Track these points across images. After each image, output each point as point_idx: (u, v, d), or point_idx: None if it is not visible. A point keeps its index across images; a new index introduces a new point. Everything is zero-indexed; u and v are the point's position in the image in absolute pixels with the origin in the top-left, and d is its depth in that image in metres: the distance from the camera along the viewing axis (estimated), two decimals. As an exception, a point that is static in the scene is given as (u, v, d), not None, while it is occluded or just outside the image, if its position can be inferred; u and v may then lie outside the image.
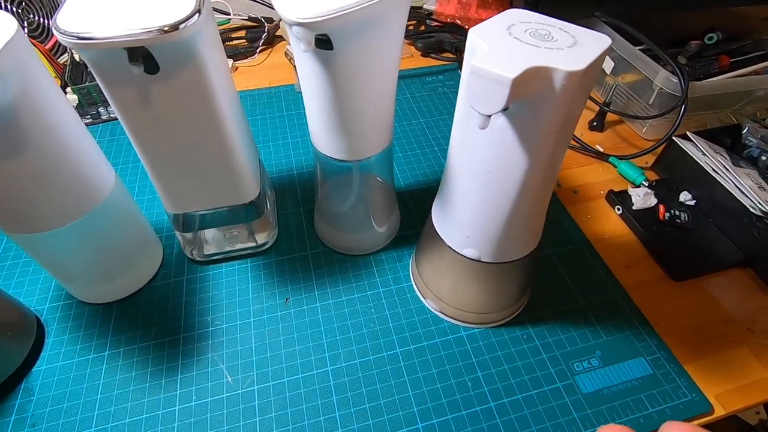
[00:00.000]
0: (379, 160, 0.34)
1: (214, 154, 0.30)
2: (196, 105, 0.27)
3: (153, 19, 0.23)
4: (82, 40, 0.22)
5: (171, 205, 0.33)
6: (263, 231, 0.39)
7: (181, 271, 0.38)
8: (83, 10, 0.23)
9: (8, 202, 0.26)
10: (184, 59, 0.25)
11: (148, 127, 0.27)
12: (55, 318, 0.35)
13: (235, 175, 0.32)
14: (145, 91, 0.25)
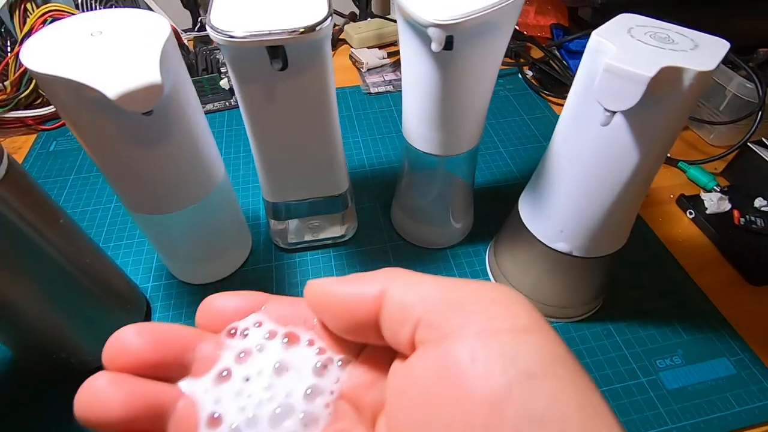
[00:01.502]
0: (466, 158, 0.35)
1: (320, 147, 0.32)
2: (316, 100, 0.29)
3: (290, 20, 0.25)
4: (233, 38, 0.24)
5: (272, 194, 0.35)
6: (344, 223, 0.41)
7: (269, 258, 0.40)
8: (229, 12, 0.26)
9: (145, 185, 0.29)
10: (312, 57, 0.27)
11: (268, 120, 0.30)
12: (159, 296, 0.37)
13: (333, 168, 0.34)
14: (272, 86, 0.28)
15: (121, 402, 0.12)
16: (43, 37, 0.24)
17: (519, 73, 0.62)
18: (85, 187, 0.46)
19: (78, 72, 0.22)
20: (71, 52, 0.23)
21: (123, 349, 0.13)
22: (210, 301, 0.15)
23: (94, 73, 0.22)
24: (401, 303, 0.13)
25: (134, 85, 0.21)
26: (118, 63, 0.22)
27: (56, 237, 0.27)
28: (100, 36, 0.24)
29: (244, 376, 0.14)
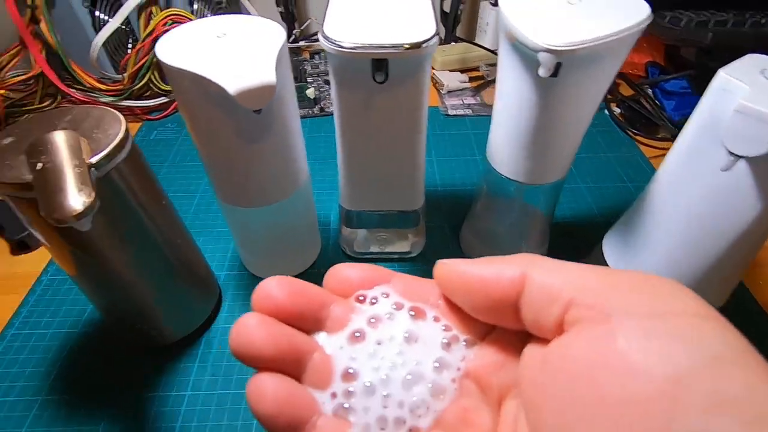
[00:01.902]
0: (549, 190, 0.34)
1: (405, 162, 0.33)
2: (409, 114, 0.30)
3: (398, 35, 0.26)
4: (342, 48, 0.25)
5: (349, 201, 0.36)
6: (412, 239, 0.41)
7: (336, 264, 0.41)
8: (341, 23, 0.27)
9: (241, 178, 0.31)
10: (412, 73, 0.28)
11: (361, 129, 0.31)
12: (230, 285, 0.39)
13: (413, 183, 0.35)
14: (370, 97, 0.29)
15: (268, 340, 0.13)
16: (176, 36, 0.27)
17: (606, 109, 0.60)
18: (178, 175, 0.50)
19: (204, 68, 0.24)
20: (199, 51, 0.25)
21: (268, 296, 0.14)
22: (338, 268, 0.16)
23: (218, 70, 0.24)
24: (547, 285, 0.13)
25: (251, 84, 0.23)
26: (238, 62, 0.24)
27: (157, 216, 0.29)
28: (224, 37, 0.27)
29: (377, 340, 0.15)
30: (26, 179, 0.22)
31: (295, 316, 0.14)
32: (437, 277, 0.15)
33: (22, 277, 0.40)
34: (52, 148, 0.22)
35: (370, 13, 0.28)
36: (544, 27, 0.23)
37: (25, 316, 0.37)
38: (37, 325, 0.36)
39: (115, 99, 0.57)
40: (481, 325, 0.15)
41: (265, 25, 0.28)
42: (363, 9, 0.28)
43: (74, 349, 0.35)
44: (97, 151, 0.23)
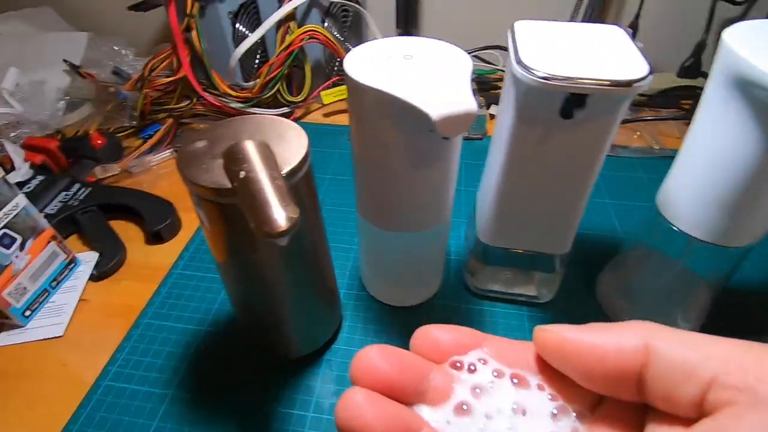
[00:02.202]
0: (734, 255, 0.30)
1: (568, 202, 0.30)
2: (587, 154, 0.27)
3: (604, 70, 0.23)
4: (542, 79, 0.24)
5: (490, 235, 0.34)
6: (544, 284, 0.38)
7: (458, 298, 0.39)
8: (535, 51, 0.25)
9: (394, 202, 0.30)
10: (606, 111, 0.25)
11: (528, 163, 0.29)
12: (349, 305, 0.38)
13: (568, 227, 0.32)
14: (549, 132, 0.27)
15: (379, 420, 0.13)
16: (361, 54, 0.26)
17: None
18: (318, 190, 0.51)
19: (401, 90, 0.23)
20: (389, 71, 0.25)
21: (370, 368, 0.14)
22: (428, 330, 0.15)
23: (417, 94, 0.23)
24: (679, 360, 0.12)
25: (456, 111, 0.22)
26: (436, 88, 0.23)
27: (313, 230, 0.28)
28: (411, 60, 0.26)
29: (485, 413, 0.14)
30: (225, 185, 0.22)
31: (398, 389, 0.14)
32: (540, 343, 0.15)
33: (155, 268, 0.42)
34: (248, 157, 0.22)
35: (566, 45, 0.26)
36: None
37: (157, 306, 0.38)
38: (168, 317, 0.37)
39: (243, 105, 0.60)
40: (589, 395, 0.14)
41: (450, 51, 0.27)
42: (556, 40, 0.26)
43: (201, 347, 0.35)
44: (287, 164, 0.23)
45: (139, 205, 0.45)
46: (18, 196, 0.35)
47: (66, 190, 0.46)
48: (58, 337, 0.36)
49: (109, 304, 0.39)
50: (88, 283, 0.40)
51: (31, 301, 0.37)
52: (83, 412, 0.31)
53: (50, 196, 0.45)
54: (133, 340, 0.36)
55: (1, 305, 0.35)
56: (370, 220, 0.32)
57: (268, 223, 0.19)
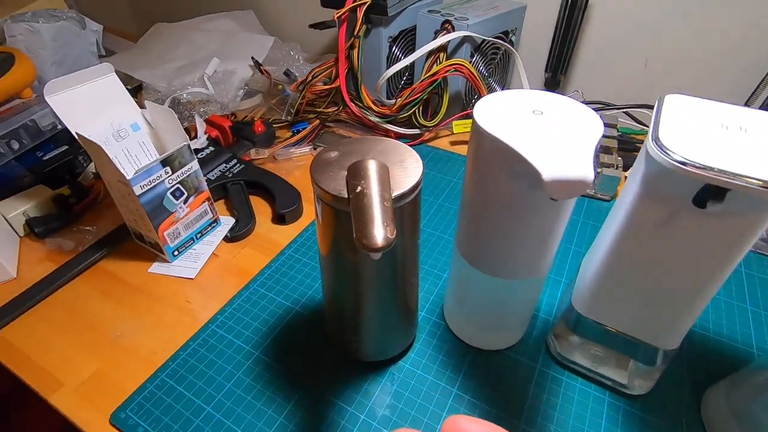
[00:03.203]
0: None
1: (684, 295, 0.27)
2: (721, 251, 0.24)
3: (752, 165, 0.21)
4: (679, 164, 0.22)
5: (584, 306, 0.32)
6: (640, 376, 0.34)
7: (536, 358, 0.37)
8: (677, 130, 0.24)
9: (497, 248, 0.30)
10: (749, 209, 0.23)
11: (647, 246, 0.27)
12: (425, 328, 0.39)
13: (680, 322, 0.29)
14: (676, 218, 0.25)
15: None
16: (493, 102, 0.28)
17: None
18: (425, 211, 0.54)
19: (520, 143, 0.24)
20: (515, 122, 0.26)
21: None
22: (457, 421, 0.16)
23: (534, 151, 0.23)
24: None
25: (568, 176, 0.22)
26: (556, 148, 0.23)
27: (409, 251, 0.30)
28: (541, 116, 0.26)
29: None
30: (343, 195, 0.25)
31: None
32: None
33: (273, 244, 0.48)
34: (367, 175, 0.25)
35: (719, 129, 0.24)
36: None
37: (267, 276, 0.44)
38: (271, 289, 0.43)
39: (380, 120, 0.65)
40: None
41: (583, 112, 0.27)
42: (709, 121, 0.24)
43: (289, 324, 0.40)
44: (398, 188, 0.26)
45: (275, 188, 0.53)
46: (193, 161, 0.44)
47: (226, 162, 0.56)
48: (191, 278, 0.44)
49: (233, 263, 0.46)
50: (221, 242, 0.49)
51: (180, 244, 0.46)
52: (191, 345, 0.38)
53: (214, 164, 0.55)
54: (242, 299, 0.42)
55: (161, 241, 0.44)
56: (465, 256, 0.33)
57: (368, 238, 0.22)
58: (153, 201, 0.41)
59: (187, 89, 0.69)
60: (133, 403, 0.34)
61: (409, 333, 0.37)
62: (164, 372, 0.36)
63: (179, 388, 0.35)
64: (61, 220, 0.50)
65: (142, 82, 0.74)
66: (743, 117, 0.25)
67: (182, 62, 0.79)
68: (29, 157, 0.54)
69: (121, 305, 0.42)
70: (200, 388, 0.35)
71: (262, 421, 0.33)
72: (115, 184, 0.41)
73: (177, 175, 0.43)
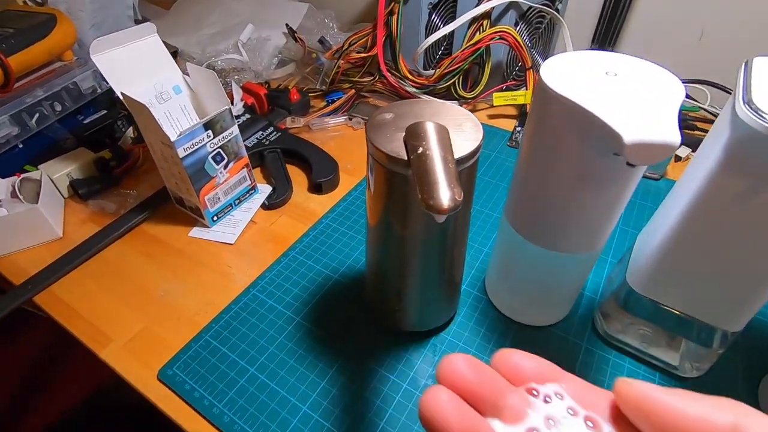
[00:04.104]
0: None
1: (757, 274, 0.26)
2: (812, 229, 0.23)
3: None
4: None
5: (641, 283, 0.31)
6: (694, 358, 0.33)
7: (582, 336, 0.36)
8: None
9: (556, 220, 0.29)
10: None
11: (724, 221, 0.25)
12: (466, 301, 0.39)
13: (749, 302, 0.27)
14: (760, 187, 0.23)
15: (457, 419, 0.14)
16: (561, 63, 0.26)
17: None
18: (446, 176, 0.53)
19: (597, 106, 0.22)
20: (588, 84, 0.24)
21: (456, 372, 0.15)
22: (509, 353, 0.16)
23: (615, 114, 0.22)
24: None
25: (653, 140, 0.20)
26: (639, 112, 0.22)
27: (461, 220, 0.30)
28: (615, 78, 0.25)
29: None
30: (402, 156, 0.24)
31: (477, 398, 0.15)
32: (623, 395, 0.14)
33: (310, 213, 0.48)
34: (428, 137, 0.24)
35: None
36: None
37: (305, 244, 0.44)
38: (310, 257, 0.43)
39: (417, 91, 0.63)
40: None
41: (660, 74, 0.25)
42: (808, 86, 0.22)
43: (330, 291, 0.40)
44: (460, 150, 0.25)
45: (312, 157, 0.52)
46: (234, 126, 0.44)
47: (263, 130, 0.56)
48: (230, 243, 0.45)
49: (270, 230, 0.46)
50: (259, 210, 0.48)
51: (220, 210, 0.46)
52: (233, 308, 0.38)
53: (251, 132, 0.55)
54: (281, 265, 0.42)
55: (202, 206, 0.44)
56: (516, 227, 0.32)
57: (435, 199, 0.21)
58: (195, 164, 0.41)
59: (221, 56, 0.68)
60: (179, 361, 0.34)
61: (452, 305, 0.36)
62: (208, 333, 0.36)
63: (223, 348, 0.35)
64: (103, 182, 0.51)
65: (177, 48, 0.73)
66: None
67: (216, 29, 0.78)
68: (71, 120, 0.55)
69: (164, 267, 0.43)
70: (243, 350, 0.35)
71: (305, 384, 0.33)
72: (159, 146, 0.41)
73: (218, 140, 0.43)
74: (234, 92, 0.59)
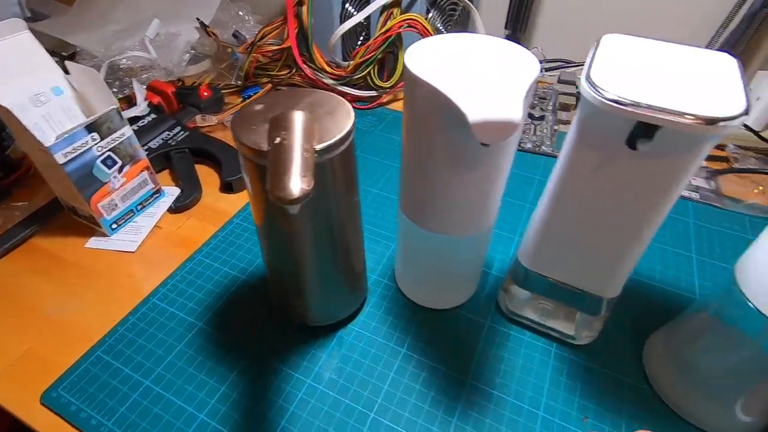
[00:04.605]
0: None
1: (624, 243, 0.27)
2: (655, 193, 0.24)
3: (687, 101, 0.20)
4: (610, 101, 0.21)
5: (531, 260, 0.32)
6: (584, 326, 0.34)
7: (486, 315, 0.37)
8: (610, 70, 0.23)
9: (434, 200, 0.29)
10: (683, 149, 0.22)
11: (583, 192, 0.26)
12: (375, 291, 0.39)
13: (620, 270, 0.29)
14: (611, 161, 0.24)
15: None
16: (426, 47, 0.26)
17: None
18: (362, 167, 0.52)
19: (448, 87, 0.22)
20: (447, 67, 0.24)
21: None
22: None
23: (462, 94, 0.22)
24: None
25: (494, 117, 0.21)
26: (485, 91, 0.22)
27: (345, 209, 0.29)
28: (475, 59, 0.25)
29: None
30: (262, 147, 0.23)
31: None
32: None
33: (221, 213, 0.46)
34: (291, 126, 0.24)
35: (654, 68, 0.23)
36: None
37: (212, 247, 0.42)
38: (217, 259, 0.41)
39: (335, 82, 0.62)
40: None
41: (520, 54, 0.25)
42: (645, 61, 0.23)
43: (235, 293, 0.38)
44: (325, 139, 0.24)
45: (222, 156, 0.50)
46: (125, 126, 0.41)
47: (169, 130, 0.53)
48: (131, 252, 0.42)
49: (177, 234, 0.44)
50: (165, 213, 0.46)
51: (119, 217, 0.44)
52: (130, 319, 0.36)
53: (156, 132, 0.52)
54: (185, 270, 0.40)
55: (96, 214, 0.41)
56: (407, 214, 0.32)
57: (281, 189, 0.20)
58: (80, 170, 0.38)
59: (126, 53, 0.64)
60: (65, 382, 0.32)
61: (357, 296, 0.36)
62: (100, 348, 0.34)
63: (116, 363, 0.33)
64: (-12, 196, 0.46)
65: (77, 47, 0.68)
66: (678, 54, 0.24)
67: (122, 25, 0.73)
68: (-53, 130, 0.50)
69: (57, 283, 0.40)
70: (139, 363, 0.33)
71: (204, 391, 0.32)
72: (36, 153, 0.38)
73: (107, 142, 0.40)
74: (136, 91, 0.56)
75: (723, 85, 0.21)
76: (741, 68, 0.23)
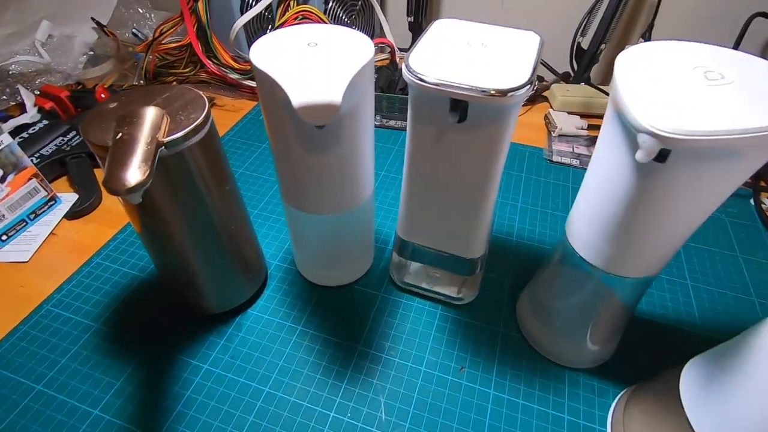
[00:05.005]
0: (636, 285, 0.29)
1: (469, 208, 0.30)
2: (483, 160, 0.27)
3: (484, 78, 0.23)
4: (422, 81, 0.24)
5: (404, 231, 0.35)
6: (464, 287, 0.38)
7: (379, 287, 0.39)
8: (429, 55, 0.25)
9: (302, 183, 0.31)
10: (493, 119, 0.25)
11: (429, 163, 0.29)
12: (276, 276, 0.40)
13: (474, 232, 0.32)
14: (443, 134, 0.27)
15: None
16: (274, 38, 0.28)
17: (753, 198, 0.49)
18: (267, 158, 0.53)
19: (280, 74, 0.24)
20: (286, 57, 0.26)
21: None
22: None
23: (291, 80, 0.24)
24: None
25: (314, 101, 0.23)
26: (312, 75, 0.24)
27: (218, 198, 0.30)
28: (315, 47, 0.27)
29: None
30: (107, 143, 0.24)
31: None
32: None
33: (121, 216, 0.46)
34: (138, 122, 0.25)
35: (465, 51, 0.25)
36: (658, 100, 0.19)
37: (111, 249, 0.42)
38: (116, 261, 0.41)
39: (241, 77, 0.63)
40: None
41: (357, 39, 0.27)
42: (459, 45, 0.26)
43: (135, 291, 0.39)
44: (174, 131, 0.25)
45: (121, 158, 0.50)
46: (3, 134, 0.40)
47: (63, 135, 0.51)
48: (23, 262, 0.41)
49: (75, 241, 0.44)
50: (62, 221, 0.45)
51: (8, 228, 0.42)
52: (21, 328, 0.36)
53: (49, 139, 0.51)
54: (82, 275, 0.40)
55: (-20, 227, 0.40)
56: (285, 199, 0.34)
57: (114, 180, 0.21)
58: (-47, 182, 0.37)
59: (14, 58, 0.61)
60: (-50, 397, 0.32)
61: (253, 282, 0.37)
62: (-11, 360, 0.34)
63: (6, 373, 0.33)
64: None
65: (-39, 54, 0.64)
66: (495, 35, 0.27)
67: (12, 28, 0.69)
68: None
69: (-59, 301, 0.38)
70: (30, 369, 0.33)
71: (99, 388, 0.32)
72: None
73: (-18, 152, 0.39)
74: (24, 97, 0.54)
75: (519, 61, 0.24)
76: (541, 44, 0.26)
